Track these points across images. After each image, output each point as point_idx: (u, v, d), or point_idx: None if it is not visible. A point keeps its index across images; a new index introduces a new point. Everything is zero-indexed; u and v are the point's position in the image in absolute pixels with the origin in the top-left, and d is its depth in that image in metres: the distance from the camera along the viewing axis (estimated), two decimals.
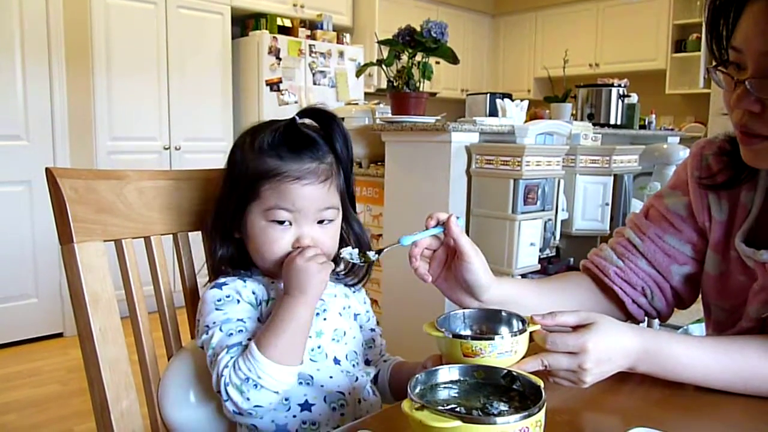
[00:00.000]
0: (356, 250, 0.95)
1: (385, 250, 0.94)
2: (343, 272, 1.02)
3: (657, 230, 1.06)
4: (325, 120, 0.95)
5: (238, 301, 0.90)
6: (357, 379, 0.95)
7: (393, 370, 1.04)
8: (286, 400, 0.90)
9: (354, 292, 1.04)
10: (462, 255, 0.91)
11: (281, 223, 0.91)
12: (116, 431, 0.88)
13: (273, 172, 0.90)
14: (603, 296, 1.08)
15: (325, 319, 0.95)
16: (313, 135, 0.94)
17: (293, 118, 0.94)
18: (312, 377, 0.91)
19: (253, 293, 0.92)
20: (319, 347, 0.93)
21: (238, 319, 0.87)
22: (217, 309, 0.88)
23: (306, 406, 0.91)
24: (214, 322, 0.87)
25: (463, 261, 0.91)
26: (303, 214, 0.91)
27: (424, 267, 0.94)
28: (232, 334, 0.85)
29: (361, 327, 1.03)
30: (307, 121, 0.95)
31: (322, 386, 0.92)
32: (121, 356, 0.90)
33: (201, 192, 1.04)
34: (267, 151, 0.91)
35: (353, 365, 0.97)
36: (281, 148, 0.91)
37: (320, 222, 0.93)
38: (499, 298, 0.96)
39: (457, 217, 0.91)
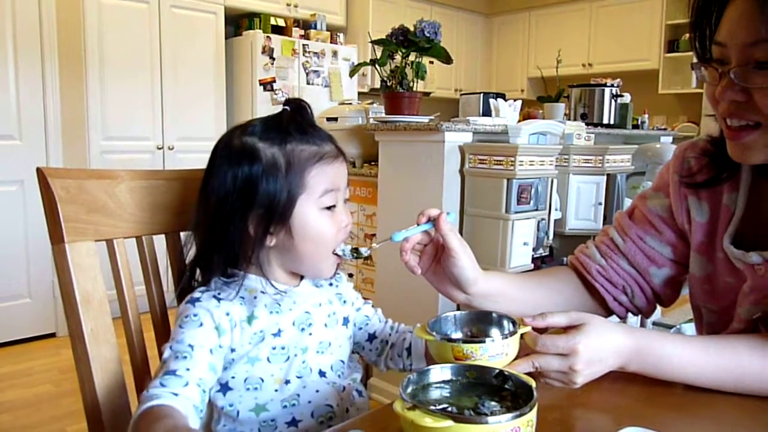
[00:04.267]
0: (348, 246, 0.93)
1: (376, 246, 0.96)
2: None
3: (639, 231, 1.08)
4: (301, 108, 0.93)
5: (201, 324, 0.83)
6: (344, 388, 0.94)
7: None
8: (272, 420, 0.88)
9: (337, 284, 1.01)
10: (449, 251, 0.93)
11: (330, 208, 0.90)
12: None
13: (317, 155, 0.88)
14: (586, 292, 1.11)
15: (310, 334, 0.92)
16: None
17: (285, 109, 0.91)
18: (299, 395, 0.89)
19: (227, 314, 0.86)
20: (303, 362, 0.91)
21: (189, 345, 0.81)
22: (180, 326, 0.84)
23: (293, 422, 0.89)
24: (172, 338, 0.84)
25: (451, 256, 0.93)
26: (341, 195, 0.91)
27: (414, 260, 0.96)
28: (177, 357, 0.80)
29: (354, 324, 1.02)
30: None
31: (309, 402, 0.90)
32: (112, 356, 0.90)
33: (194, 192, 1.03)
34: (299, 138, 0.88)
35: (338, 375, 0.95)
36: (309, 133, 0.89)
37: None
38: (486, 291, 0.99)
39: (448, 213, 0.92)
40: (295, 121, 0.90)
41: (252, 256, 0.89)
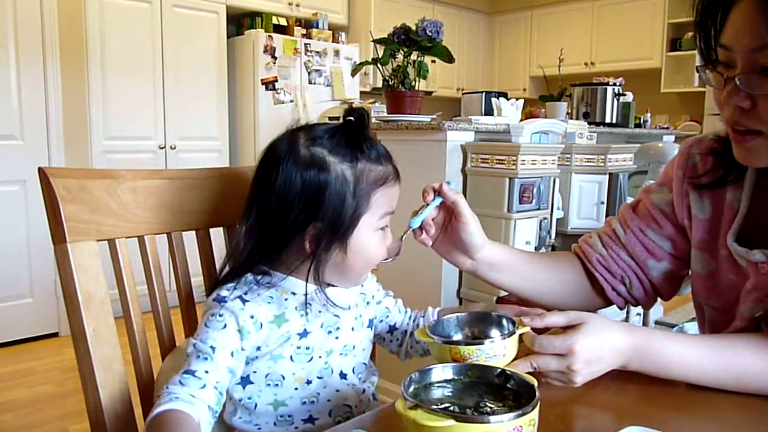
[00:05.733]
0: None
1: (403, 238, 0.97)
2: None
3: (640, 224, 1.08)
4: (364, 119, 0.90)
5: (225, 326, 0.83)
6: (364, 391, 0.94)
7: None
8: (290, 416, 0.89)
9: (362, 284, 1.00)
10: (460, 216, 0.97)
11: (383, 229, 0.91)
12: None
13: (383, 178, 0.88)
14: (587, 280, 1.12)
15: (337, 337, 0.92)
16: None
17: (350, 120, 0.88)
18: (318, 394, 0.90)
19: (252, 317, 0.84)
20: (326, 364, 0.90)
21: (211, 346, 0.81)
22: (205, 323, 0.84)
23: (310, 419, 0.90)
24: (197, 334, 0.84)
25: (461, 222, 0.97)
26: (391, 217, 0.92)
27: (424, 233, 0.98)
28: (199, 357, 0.80)
29: (375, 317, 1.03)
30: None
31: (328, 401, 0.90)
32: (114, 356, 0.90)
33: (195, 191, 1.04)
34: (367, 157, 0.87)
35: (359, 378, 0.95)
36: (376, 150, 0.88)
37: None
38: (491, 259, 1.02)
39: (449, 183, 0.95)
40: (363, 135, 0.87)
41: (309, 269, 0.86)
